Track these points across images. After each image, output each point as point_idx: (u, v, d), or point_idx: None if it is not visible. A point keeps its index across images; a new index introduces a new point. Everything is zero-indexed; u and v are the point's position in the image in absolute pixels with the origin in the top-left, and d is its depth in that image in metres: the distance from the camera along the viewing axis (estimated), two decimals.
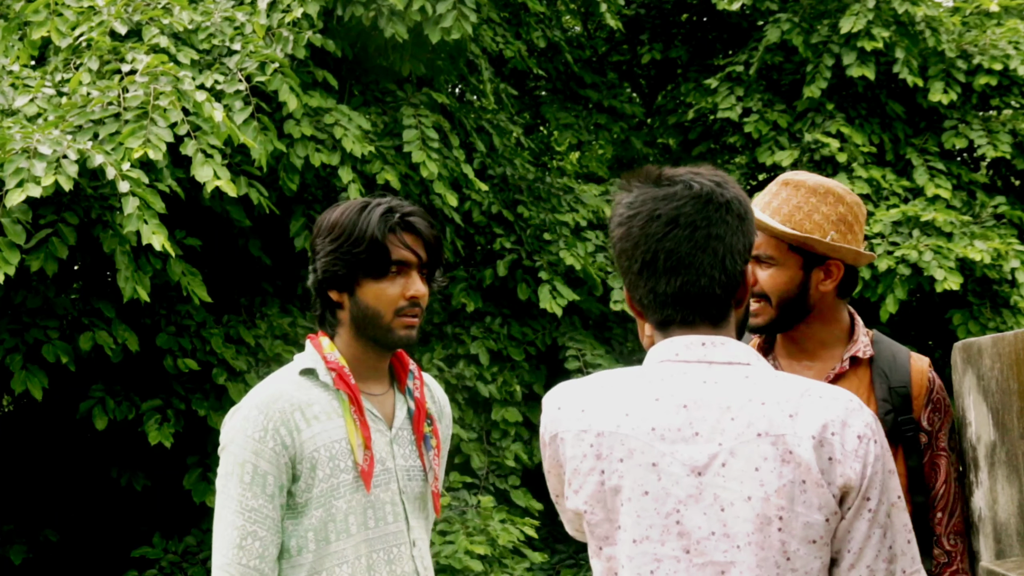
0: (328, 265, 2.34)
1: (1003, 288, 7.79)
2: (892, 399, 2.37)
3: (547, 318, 7.63)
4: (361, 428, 2.35)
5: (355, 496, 2.33)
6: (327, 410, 2.34)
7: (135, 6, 6.06)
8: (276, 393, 2.33)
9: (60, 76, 5.74)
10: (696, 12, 9.93)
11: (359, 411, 2.36)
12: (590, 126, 9.20)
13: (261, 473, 2.28)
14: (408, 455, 2.44)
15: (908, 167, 8.31)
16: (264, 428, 2.28)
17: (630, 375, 1.80)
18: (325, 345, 2.40)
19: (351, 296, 2.36)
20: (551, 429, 1.82)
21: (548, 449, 1.83)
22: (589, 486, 1.75)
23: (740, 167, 9.56)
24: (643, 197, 1.87)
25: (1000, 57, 8.05)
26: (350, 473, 2.33)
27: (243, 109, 5.74)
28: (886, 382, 2.40)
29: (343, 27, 6.77)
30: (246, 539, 2.27)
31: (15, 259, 4.75)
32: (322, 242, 2.36)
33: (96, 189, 5.18)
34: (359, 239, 2.32)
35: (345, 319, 2.38)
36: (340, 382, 2.36)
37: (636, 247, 1.81)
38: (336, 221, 2.35)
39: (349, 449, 2.33)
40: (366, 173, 6.51)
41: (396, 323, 2.35)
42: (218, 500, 2.33)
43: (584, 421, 1.77)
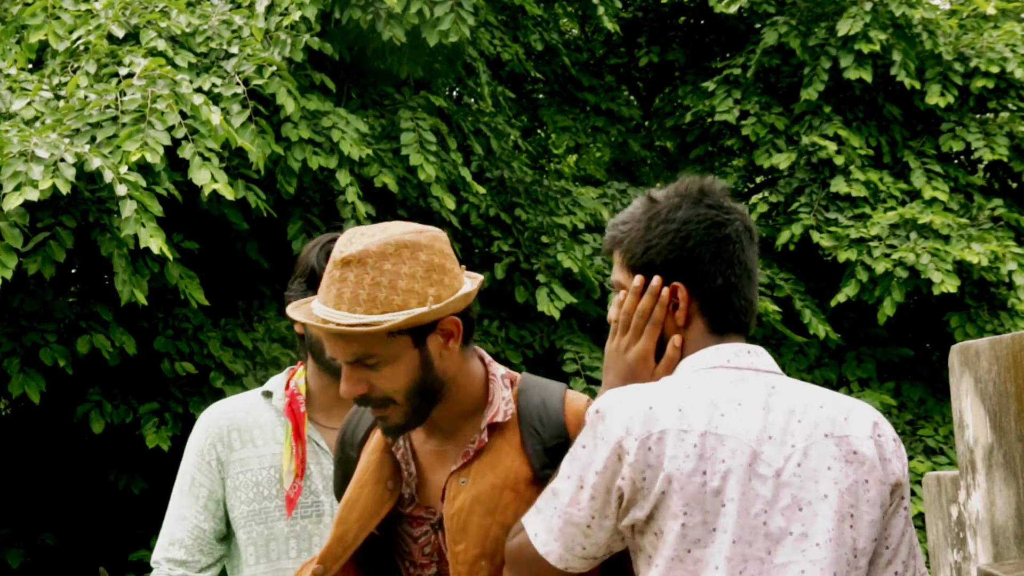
0: (289, 298, 2.39)
1: (1000, 291, 7.80)
2: (552, 459, 1.90)
3: (545, 321, 7.63)
4: (297, 456, 2.39)
5: (278, 524, 2.39)
6: (268, 435, 2.43)
7: (133, 9, 6.07)
8: (223, 411, 2.47)
9: (58, 79, 5.74)
10: (693, 15, 9.95)
11: (298, 438, 2.40)
12: (588, 129, 9.21)
13: (197, 485, 2.43)
14: None
15: (905, 170, 8.32)
16: (206, 443, 2.44)
17: (701, 379, 1.80)
18: (298, 372, 2.48)
19: (305, 328, 2.38)
20: (646, 428, 1.73)
21: (635, 452, 1.72)
22: (692, 487, 1.71)
23: (738, 170, 9.57)
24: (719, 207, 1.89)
25: (997, 60, 8.06)
26: (274, 501, 2.40)
27: (241, 112, 5.74)
28: (540, 439, 1.94)
29: (341, 30, 6.78)
30: (173, 544, 2.43)
31: (12, 262, 4.75)
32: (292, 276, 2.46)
33: (94, 192, 5.18)
34: (304, 271, 2.40)
35: (306, 349, 2.45)
36: (288, 408, 2.42)
37: (741, 250, 1.87)
38: (299, 256, 2.47)
39: (278, 477, 2.40)
40: (364, 176, 6.51)
41: None
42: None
43: (685, 421, 1.73)
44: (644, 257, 1.88)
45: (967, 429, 2.43)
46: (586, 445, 1.77)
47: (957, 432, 2.50)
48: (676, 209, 1.86)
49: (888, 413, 7.88)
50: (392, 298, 1.82)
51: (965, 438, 2.45)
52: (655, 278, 1.86)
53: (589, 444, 1.77)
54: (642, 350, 1.89)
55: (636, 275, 1.89)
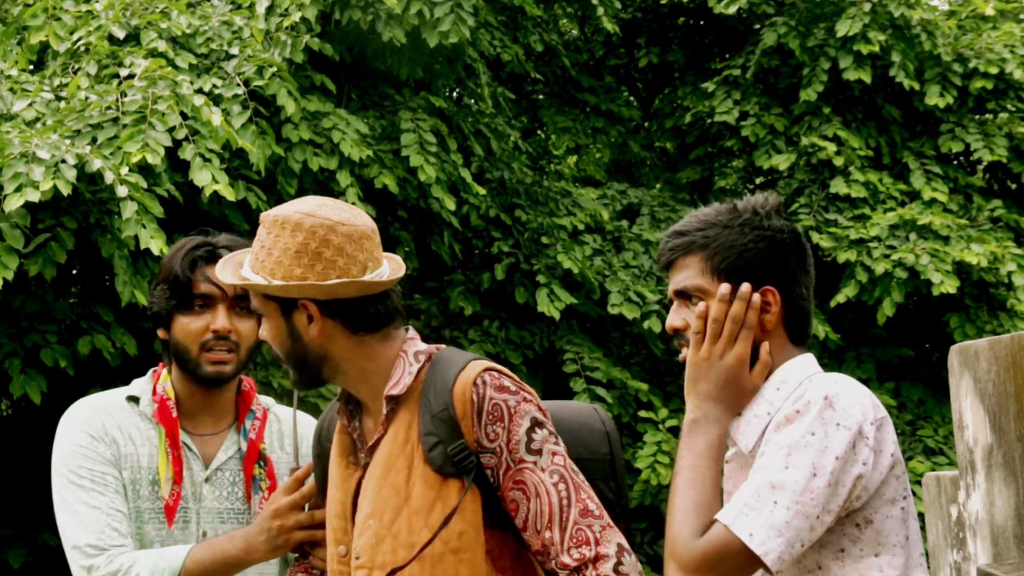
0: (151, 306, 2.38)
1: (1000, 291, 7.81)
2: (437, 428, 1.98)
3: (545, 322, 7.64)
4: (173, 462, 2.34)
5: (146, 527, 2.33)
6: (144, 437, 2.36)
7: (133, 10, 6.07)
8: (94, 408, 2.37)
9: (58, 80, 5.75)
10: (693, 16, 9.95)
11: (174, 445, 2.35)
12: (587, 130, 9.22)
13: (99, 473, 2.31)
14: (226, 497, 2.40)
15: (905, 170, 8.33)
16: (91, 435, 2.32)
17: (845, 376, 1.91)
18: (162, 376, 2.42)
19: (168, 332, 2.37)
20: (875, 413, 1.83)
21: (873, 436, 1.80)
22: (902, 471, 1.86)
23: (737, 171, 9.58)
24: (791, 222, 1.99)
25: (996, 61, 8.07)
26: (153, 504, 2.34)
27: (241, 113, 5.75)
28: (428, 410, 2.01)
29: (341, 31, 6.79)
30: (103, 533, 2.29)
31: (14, 264, 4.76)
32: (154, 282, 2.43)
33: (94, 193, 5.18)
34: (167, 275, 2.35)
35: (170, 356, 2.40)
36: (159, 414, 2.37)
37: (803, 266, 1.96)
38: (162, 261, 2.42)
39: (156, 480, 2.34)
40: (364, 177, 6.52)
41: (203, 358, 2.34)
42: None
43: (883, 408, 1.88)
44: (736, 261, 1.90)
45: (967, 429, 2.44)
46: (815, 432, 1.76)
47: (957, 432, 2.51)
48: (767, 218, 1.92)
49: (888, 413, 7.90)
50: (266, 263, 2.02)
51: (965, 438, 2.45)
52: (744, 284, 1.89)
53: (819, 431, 1.76)
54: (741, 354, 1.90)
55: (723, 281, 1.90)
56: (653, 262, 7.91)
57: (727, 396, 1.90)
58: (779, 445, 1.78)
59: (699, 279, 1.92)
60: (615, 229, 8.13)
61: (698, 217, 1.96)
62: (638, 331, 7.66)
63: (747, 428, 1.90)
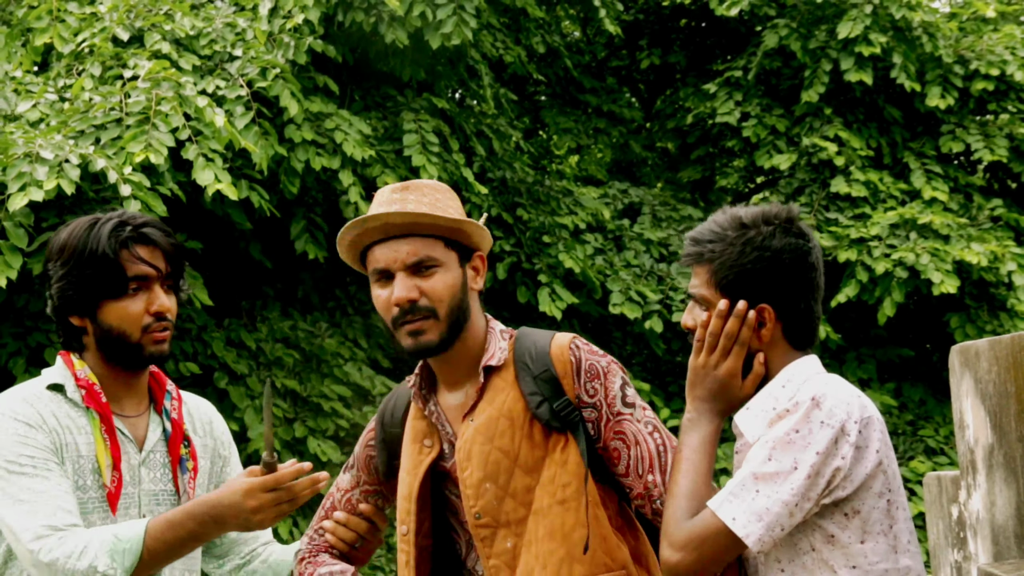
0: (63, 290, 2.21)
1: (1000, 291, 7.82)
2: (540, 388, 2.16)
3: (546, 321, 7.65)
4: (111, 448, 2.23)
5: (91, 517, 2.20)
6: (77, 425, 2.22)
7: (137, 12, 6.09)
8: (30, 399, 2.21)
9: (62, 82, 5.77)
10: (695, 18, 9.96)
11: (109, 430, 2.24)
12: (589, 130, 9.23)
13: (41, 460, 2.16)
14: (159, 479, 2.31)
15: (905, 170, 8.34)
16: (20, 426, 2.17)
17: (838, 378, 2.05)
18: (76, 362, 2.27)
19: (93, 320, 2.23)
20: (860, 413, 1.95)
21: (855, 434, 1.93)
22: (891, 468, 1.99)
23: (738, 171, 9.59)
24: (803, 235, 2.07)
25: (997, 62, 8.08)
26: (96, 492, 2.21)
27: (244, 114, 5.77)
28: (529, 373, 2.17)
29: (344, 33, 6.80)
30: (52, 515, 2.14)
31: (18, 263, 4.78)
32: (54, 266, 2.23)
33: (98, 193, 5.20)
34: (90, 259, 2.19)
35: (90, 343, 2.26)
36: (90, 400, 2.24)
37: (818, 276, 2.08)
38: (65, 242, 2.22)
39: (96, 468, 2.22)
40: (366, 177, 6.54)
41: (145, 340, 2.24)
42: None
43: (873, 408, 2.01)
44: (735, 279, 2.04)
45: (967, 429, 2.45)
46: (799, 430, 1.92)
47: (958, 432, 2.52)
48: (771, 237, 2.04)
49: (889, 413, 7.91)
50: (448, 210, 2.13)
51: (965, 438, 2.46)
52: (741, 302, 2.04)
53: (804, 428, 1.92)
54: (731, 368, 2.06)
55: (722, 297, 2.05)
56: (654, 261, 7.92)
57: (718, 402, 2.08)
58: (766, 440, 1.95)
59: (705, 290, 2.08)
60: (616, 228, 8.15)
61: (711, 228, 2.08)
62: (639, 331, 7.67)
63: (753, 421, 2.05)
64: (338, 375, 6.55)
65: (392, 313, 2.13)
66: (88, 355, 2.27)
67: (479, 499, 2.14)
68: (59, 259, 2.22)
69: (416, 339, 2.14)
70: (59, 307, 2.24)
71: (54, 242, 2.24)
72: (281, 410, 6.15)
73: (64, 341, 2.29)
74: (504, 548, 2.14)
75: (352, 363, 6.73)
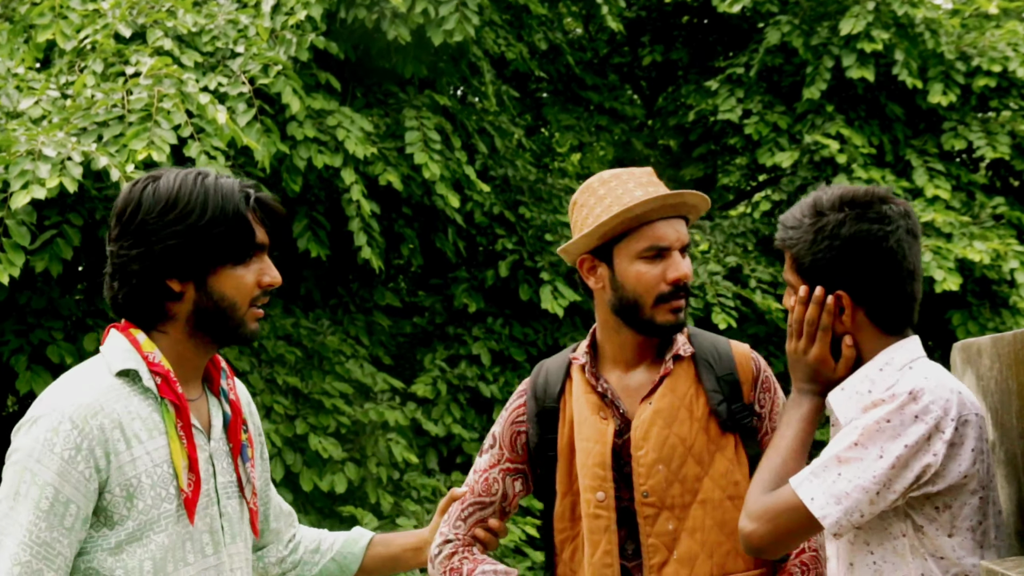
0: (174, 248, 1.92)
1: (1002, 288, 7.82)
2: (722, 388, 2.32)
3: (549, 319, 7.66)
4: (188, 447, 1.97)
5: (176, 528, 1.94)
6: (148, 426, 1.93)
7: (139, 9, 6.09)
8: (94, 404, 1.89)
9: (65, 79, 5.77)
10: (696, 14, 9.96)
11: (186, 427, 1.97)
12: (591, 128, 9.22)
13: (63, 500, 1.83)
14: (225, 469, 2.07)
15: (908, 168, 8.33)
16: (77, 446, 1.85)
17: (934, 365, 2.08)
18: (141, 340, 1.97)
19: (200, 286, 1.96)
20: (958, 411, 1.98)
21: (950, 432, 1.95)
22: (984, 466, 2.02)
23: (740, 168, 9.58)
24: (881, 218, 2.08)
25: (999, 59, 8.07)
26: (172, 502, 1.94)
27: (246, 111, 5.76)
28: (713, 373, 2.33)
29: (346, 29, 6.80)
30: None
31: (20, 260, 4.78)
32: (159, 220, 1.93)
33: (100, 191, 5.20)
34: (220, 217, 1.94)
35: (182, 313, 1.98)
36: (166, 390, 1.96)
37: (904, 259, 2.07)
38: (176, 195, 1.94)
39: (172, 473, 1.94)
40: (368, 174, 6.54)
41: (249, 315, 2.01)
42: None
43: (974, 404, 2.04)
44: (810, 267, 2.10)
45: None
46: (891, 420, 1.95)
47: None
48: (840, 225, 2.06)
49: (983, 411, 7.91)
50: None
51: None
52: (818, 288, 2.08)
53: (895, 419, 1.95)
54: (818, 354, 2.12)
55: (803, 283, 2.11)
56: None
57: (815, 384, 2.14)
58: (856, 426, 1.98)
59: (790, 275, 2.16)
60: None
61: (794, 214, 2.14)
62: None
63: (847, 402, 2.09)
64: (340, 372, 6.56)
65: (661, 290, 2.27)
66: (170, 328, 1.98)
67: (649, 479, 2.25)
68: (172, 212, 1.92)
69: (677, 316, 2.29)
70: (158, 268, 1.93)
71: (151, 193, 1.94)
72: (283, 407, 6.15)
73: (138, 309, 1.97)
74: (665, 529, 2.24)
75: (354, 360, 6.73)
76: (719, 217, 8.85)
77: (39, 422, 1.88)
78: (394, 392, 6.90)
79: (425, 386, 6.99)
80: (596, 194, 2.34)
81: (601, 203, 2.31)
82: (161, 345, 1.98)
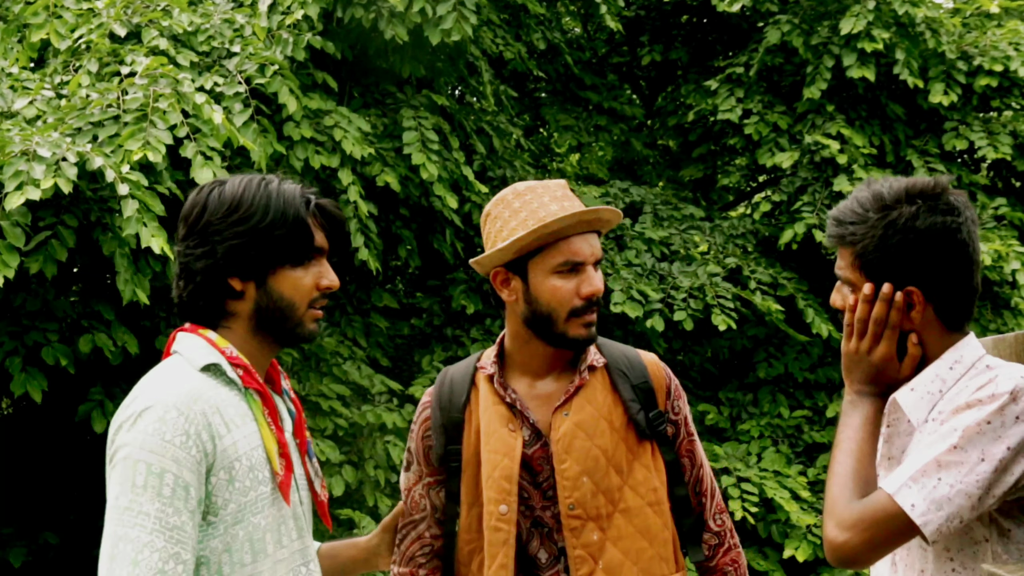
0: (237, 248, 2.02)
1: (1004, 290, 7.78)
2: (639, 397, 2.37)
3: None
4: (277, 432, 2.07)
5: (271, 511, 2.04)
6: (239, 412, 2.03)
7: (134, 8, 6.06)
8: (194, 392, 1.97)
9: (59, 78, 5.73)
10: (696, 14, 9.92)
11: (273, 413, 2.08)
12: (590, 128, 9.19)
13: (183, 485, 1.91)
14: (297, 463, 2.17)
15: (909, 168, 8.30)
16: (186, 432, 1.93)
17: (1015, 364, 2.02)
18: (214, 338, 2.07)
19: (260, 284, 2.06)
20: None
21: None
22: None
23: (740, 169, 9.55)
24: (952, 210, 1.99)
25: (1000, 58, 8.03)
26: (267, 485, 2.03)
27: (243, 111, 5.73)
28: (628, 381, 2.39)
29: (343, 29, 6.77)
30: (168, 562, 1.87)
31: (14, 262, 4.74)
32: (223, 221, 2.03)
33: (95, 191, 5.17)
34: (279, 219, 2.04)
35: (244, 311, 2.08)
36: (249, 379, 2.05)
37: (972, 251, 2.00)
38: (241, 198, 2.04)
39: (266, 458, 2.04)
40: (366, 175, 6.50)
41: (307, 316, 2.11)
42: (118, 517, 1.89)
43: None
44: (880, 263, 2.00)
45: None
46: (992, 422, 1.88)
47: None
48: (914, 218, 1.97)
49: None
50: None
51: None
52: (886, 285, 1.99)
53: (996, 421, 1.88)
54: (885, 353, 2.03)
55: (866, 280, 2.02)
56: (656, 260, 7.88)
57: (877, 385, 2.06)
58: (954, 427, 1.90)
59: (850, 273, 2.05)
60: (617, 227, 8.11)
61: (853, 208, 2.03)
62: (640, 329, 7.64)
63: (919, 402, 2.02)
64: (337, 374, 6.52)
65: (574, 304, 2.29)
66: (234, 326, 2.08)
67: (575, 491, 2.29)
68: (235, 214, 2.02)
69: (589, 330, 2.31)
70: (221, 266, 2.03)
71: (217, 196, 2.05)
72: None
73: (202, 308, 2.08)
74: (591, 540, 2.28)
75: (351, 362, 6.70)
76: (719, 218, 8.82)
77: (144, 415, 1.94)
78: (392, 394, 6.87)
79: (423, 388, 6.96)
80: (511, 207, 2.33)
81: (516, 216, 2.30)
82: (231, 342, 2.08)
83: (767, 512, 7.08)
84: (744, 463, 7.26)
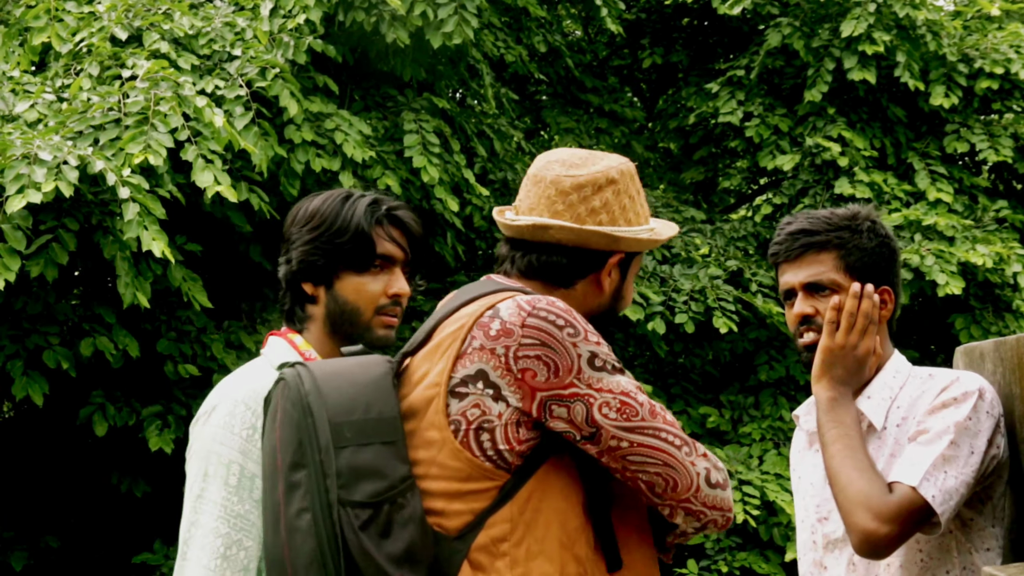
0: (306, 255, 2.19)
1: (1005, 292, 7.78)
2: None
3: None
4: None
5: None
6: None
7: (136, 11, 6.06)
8: (262, 390, 2.09)
9: (61, 82, 5.74)
10: (697, 16, 9.93)
11: None
12: (591, 130, 9.19)
13: (248, 476, 2.06)
14: None
15: (910, 171, 8.30)
16: (253, 426, 2.08)
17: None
18: (299, 342, 2.22)
19: (328, 289, 2.21)
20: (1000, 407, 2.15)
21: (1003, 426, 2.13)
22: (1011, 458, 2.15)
23: (741, 171, 9.56)
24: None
25: (1001, 61, 8.03)
26: None
27: (244, 114, 5.73)
28: None
29: (344, 32, 6.77)
30: (231, 548, 2.02)
31: (15, 265, 4.75)
32: (299, 231, 2.22)
33: (96, 195, 5.17)
34: (342, 229, 2.18)
35: (318, 315, 2.23)
36: None
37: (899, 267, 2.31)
38: (317, 209, 2.21)
39: None
40: (367, 178, 6.51)
41: (375, 321, 2.21)
42: (192, 505, 2.08)
43: None
44: (864, 263, 2.21)
45: None
46: (972, 417, 2.08)
47: None
48: (882, 226, 2.25)
49: None
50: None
51: None
52: (869, 284, 2.19)
53: (975, 417, 2.09)
54: (870, 346, 2.20)
55: (855, 280, 2.21)
56: (657, 263, 7.88)
57: (854, 381, 2.20)
58: (945, 426, 2.08)
59: (835, 275, 2.22)
60: None
61: (822, 219, 2.23)
62: (642, 332, 7.64)
63: (877, 408, 2.22)
64: None
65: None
66: (312, 328, 2.23)
67: None
68: (308, 224, 2.21)
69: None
70: (296, 271, 2.21)
71: (301, 208, 2.25)
72: None
73: (288, 311, 2.25)
74: None
75: None
76: (720, 221, 8.82)
77: (216, 411, 2.11)
78: None
79: None
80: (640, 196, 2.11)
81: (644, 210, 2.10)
82: (314, 344, 2.22)
83: (769, 515, 7.08)
84: (746, 466, 7.26)
